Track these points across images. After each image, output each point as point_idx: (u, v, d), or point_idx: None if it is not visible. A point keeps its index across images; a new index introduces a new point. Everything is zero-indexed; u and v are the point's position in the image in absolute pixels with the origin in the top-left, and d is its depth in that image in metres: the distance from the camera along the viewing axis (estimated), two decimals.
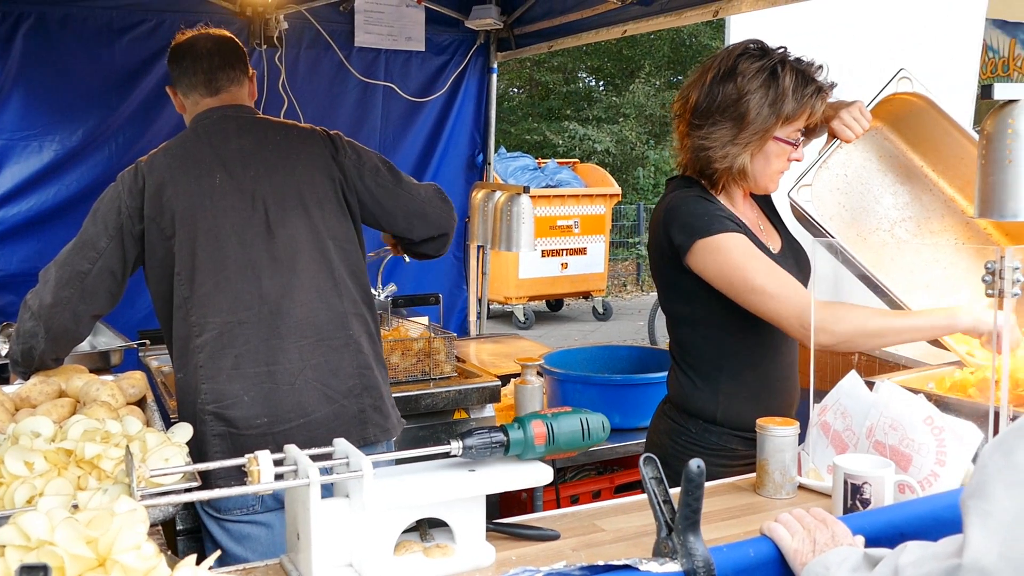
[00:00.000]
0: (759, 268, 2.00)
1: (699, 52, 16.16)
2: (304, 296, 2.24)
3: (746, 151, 2.06)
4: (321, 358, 2.24)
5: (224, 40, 2.43)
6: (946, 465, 1.74)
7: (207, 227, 2.21)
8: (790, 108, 2.03)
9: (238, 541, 2.25)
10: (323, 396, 2.23)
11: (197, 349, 2.19)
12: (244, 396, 2.17)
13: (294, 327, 2.22)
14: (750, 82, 2.02)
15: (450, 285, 5.10)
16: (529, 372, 3.07)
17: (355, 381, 2.27)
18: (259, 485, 1.38)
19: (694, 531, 1.23)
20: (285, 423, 2.18)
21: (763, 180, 2.12)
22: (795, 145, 2.08)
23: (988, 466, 0.92)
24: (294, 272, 2.24)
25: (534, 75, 17.59)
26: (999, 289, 1.68)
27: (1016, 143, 1.96)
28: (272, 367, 2.20)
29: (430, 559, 1.51)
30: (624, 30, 4.03)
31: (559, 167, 10.34)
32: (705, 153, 2.08)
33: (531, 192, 3.91)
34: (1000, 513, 0.89)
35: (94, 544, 1.16)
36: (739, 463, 2.10)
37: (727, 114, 2.04)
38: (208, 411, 2.17)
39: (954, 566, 0.92)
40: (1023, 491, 0.88)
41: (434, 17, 4.64)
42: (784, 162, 2.11)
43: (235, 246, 2.22)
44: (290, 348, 2.21)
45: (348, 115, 4.56)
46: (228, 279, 2.20)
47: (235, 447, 2.16)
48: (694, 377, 2.18)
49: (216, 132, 2.31)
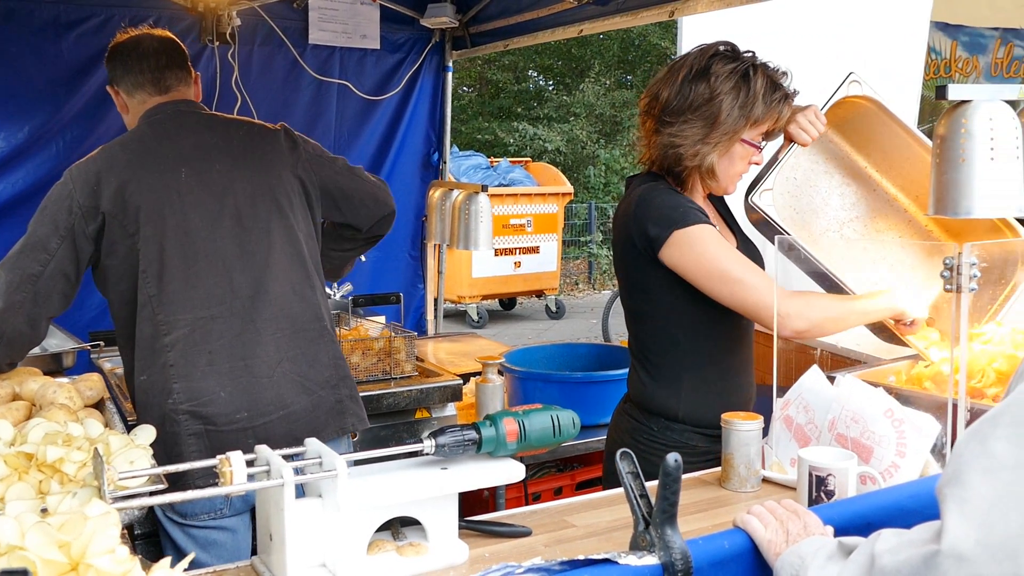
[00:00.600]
0: (736, 259, 2.05)
1: (648, 52, 16.30)
2: (278, 288, 2.23)
3: (715, 151, 2.08)
4: (298, 350, 2.24)
5: (169, 40, 2.41)
6: (906, 456, 1.78)
7: (175, 222, 2.17)
8: (759, 111, 2.06)
9: (203, 547, 2.21)
10: (301, 388, 2.22)
11: (166, 348, 2.15)
12: (221, 392, 2.14)
13: (270, 319, 2.21)
14: (723, 83, 2.04)
15: (406, 284, 5.09)
16: (490, 370, 3.08)
17: (331, 372, 2.28)
18: (232, 486, 1.36)
19: (671, 524, 1.24)
20: (265, 416, 2.17)
21: (725, 181, 2.15)
22: (758, 148, 2.12)
23: (964, 454, 0.94)
24: (267, 265, 2.23)
25: (484, 74, 17.59)
26: (957, 284, 1.72)
27: (969, 143, 2.01)
28: (249, 360, 2.18)
29: (404, 558, 1.50)
30: (580, 29, 4.05)
31: (511, 166, 10.36)
32: (675, 151, 2.10)
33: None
34: (977, 500, 0.91)
35: (66, 548, 1.14)
36: (700, 459, 2.11)
37: (699, 113, 2.06)
38: (182, 410, 2.13)
39: (932, 552, 0.93)
40: (999, 478, 0.90)
41: (389, 15, 4.63)
42: (746, 164, 2.15)
43: (205, 240, 2.19)
44: (267, 341, 2.20)
45: (302, 113, 4.52)
46: (199, 274, 2.17)
47: (213, 445, 2.13)
48: (656, 375, 2.20)
49: (174, 127, 2.28)
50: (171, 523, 2.21)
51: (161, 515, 2.22)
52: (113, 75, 2.36)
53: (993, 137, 2.00)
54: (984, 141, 2.00)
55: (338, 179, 2.43)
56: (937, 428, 1.80)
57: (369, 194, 2.50)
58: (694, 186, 2.18)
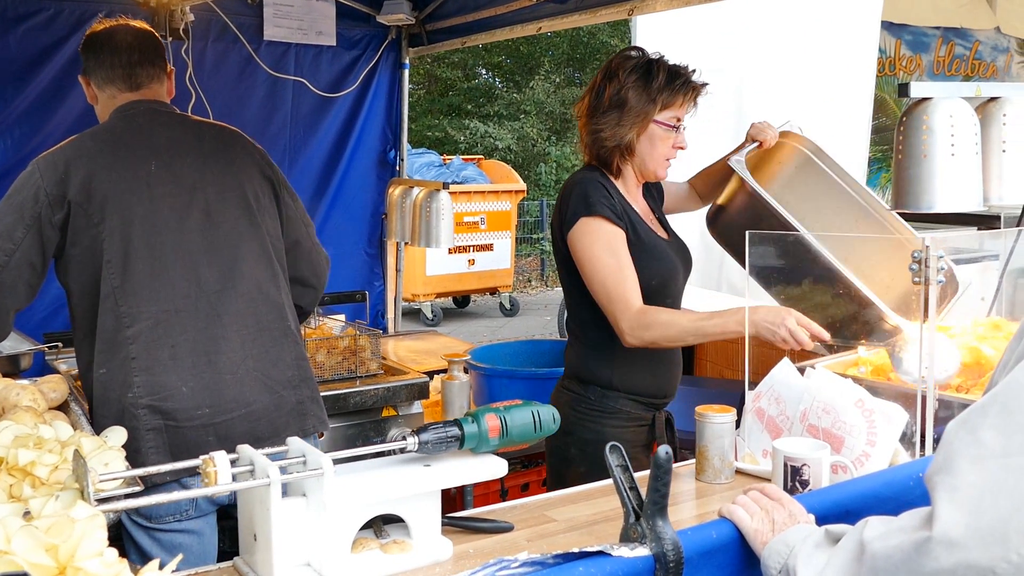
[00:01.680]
0: (610, 265, 2.23)
1: (597, 50, 16.38)
2: (244, 286, 2.21)
3: (631, 131, 2.31)
4: (261, 348, 2.21)
5: (145, 34, 2.36)
6: (876, 445, 1.82)
7: (142, 213, 2.14)
8: (665, 94, 2.29)
9: (168, 550, 2.17)
10: (264, 386, 2.20)
11: (128, 340, 2.10)
12: (182, 387, 2.10)
13: (235, 316, 2.18)
14: (628, 76, 2.30)
15: (362, 282, 5.05)
16: (456, 368, 3.08)
17: (294, 372, 2.25)
18: (217, 487, 1.35)
19: (662, 516, 1.25)
20: (226, 413, 2.14)
21: (651, 163, 2.35)
22: (673, 128, 2.32)
23: (953, 443, 0.97)
24: (235, 261, 2.21)
25: (434, 71, 17.52)
26: (925, 277, 1.77)
27: (931, 139, 2.06)
28: (213, 356, 2.15)
29: (388, 555, 1.50)
30: (539, 27, 4.06)
31: (464, 163, 10.35)
32: (597, 136, 2.33)
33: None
34: (967, 487, 0.93)
35: (53, 551, 1.12)
36: (633, 424, 2.36)
37: (612, 103, 2.31)
38: (142, 404, 2.08)
39: (924, 538, 0.96)
40: (987, 466, 0.93)
41: (345, 11, 4.59)
42: (668, 148, 2.35)
43: (172, 233, 2.16)
44: (231, 337, 2.17)
45: (257, 109, 4.46)
46: (164, 267, 2.14)
47: (172, 441, 2.09)
48: (591, 346, 2.38)
49: (146, 122, 2.26)
50: (136, 526, 2.17)
51: (126, 518, 2.18)
52: (86, 65, 2.32)
53: (954, 134, 2.05)
54: (945, 138, 2.05)
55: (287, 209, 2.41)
56: (905, 417, 1.84)
57: (307, 250, 2.46)
58: (627, 175, 2.39)
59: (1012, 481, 0.91)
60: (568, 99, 16.02)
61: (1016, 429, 0.92)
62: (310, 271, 2.48)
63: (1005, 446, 0.92)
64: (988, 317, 2.45)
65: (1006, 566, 0.89)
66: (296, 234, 2.43)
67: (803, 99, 4.68)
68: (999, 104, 2.18)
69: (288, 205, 2.42)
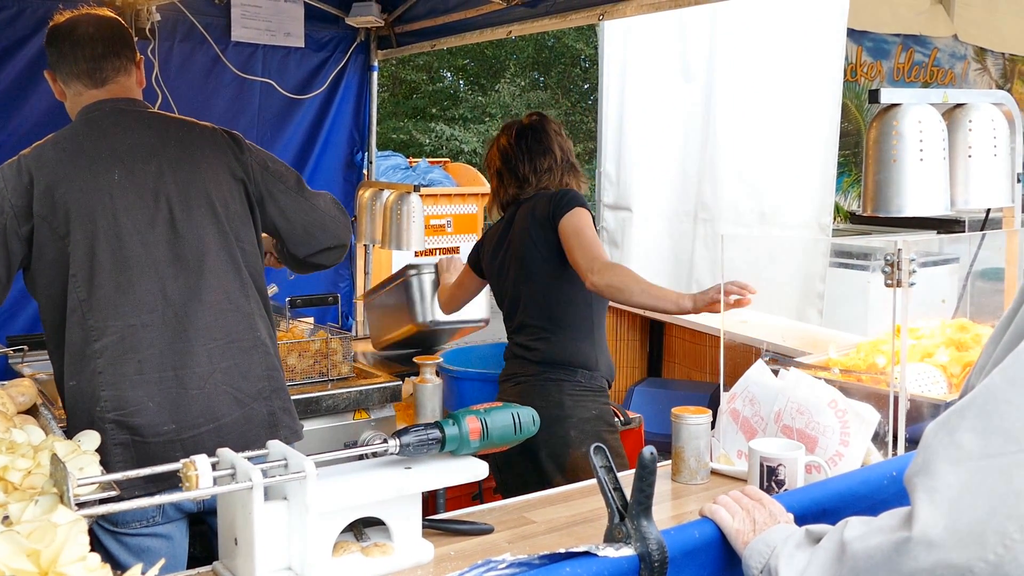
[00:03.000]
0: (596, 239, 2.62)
1: (562, 54, 16.42)
2: (212, 297, 2.15)
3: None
4: (231, 361, 2.16)
5: (108, 23, 2.27)
6: (849, 445, 1.85)
7: (106, 226, 2.09)
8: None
9: (136, 555, 2.14)
10: (233, 400, 2.15)
11: (95, 354, 2.07)
12: (149, 402, 2.07)
13: (202, 329, 2.13)
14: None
15: (328, 284, 5.02)
16: (427, 371, 3.07)
17: (264, 383, 2.20)
18: (199, 491, 1.34)
19: (647, 516, 1.27)
20: (194, 429, 2.10)
21: None
22: None
23: (932, 445, 0.98)
24: (201, 273, 2.15)
25: (398, 74, 17.46)
26: (897, 279, 1.79)
27: (901, 143, 2.10)
28: (179, 371, 2.10)
29: (370, 558, 1.50)
30: (509, 31, 4.06)
31: (430, 166, 10.30)
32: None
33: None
34: (945, 489, 0.94)
35: (35, 557, 1.10)
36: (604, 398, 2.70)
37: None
38: (109, 419, 2.05)
39: (903, 539, 0.97)
40: (965, 467, 0.95)
41: (314, 13, 4.56)
42: None
43: (137, 245, 2.11)
44: (198, 351, 2.12)
45: (224, 110, 4.41)
46: (130, 280, 2.09)
47: (139, 456, 2.06)
48: (574, 332, 2.66)
49: (111, 126, 2.18)
50: (103, 531, 2.14)
51: (94, 524, 2.15)
52: (50, 60, 2.23)
53: (922, 139, 2.08)
54: (914, 143, 2.08)
55: (280, 196, 2.33)
56: (878, 417, 1.87)
57: (316, 222, 2.39)
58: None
59: (989, 482, 0.92)
60: (533, 103, 16.03)
61: (993, 431, 0.94)
62: (330, 239, 2.42)
63: (983, 448, 0.94)
64: (954, 319, 2.49)
65: (983, 565, 0.91)
66: (300, 218, 2.36)
67: (771, 105, 4.74)
68: (965, 110, 2.22)
69: (274, 198, 2.33)
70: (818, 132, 4.60)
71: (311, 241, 2.40)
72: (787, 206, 4.72)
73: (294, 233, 2.39)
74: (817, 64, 4.57)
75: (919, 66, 8.59)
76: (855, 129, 8.40)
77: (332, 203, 2.48)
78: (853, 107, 8.23)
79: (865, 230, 6.92)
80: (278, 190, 2.33)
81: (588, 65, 16.43)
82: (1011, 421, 0.93)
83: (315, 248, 2.42)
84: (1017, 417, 0.93)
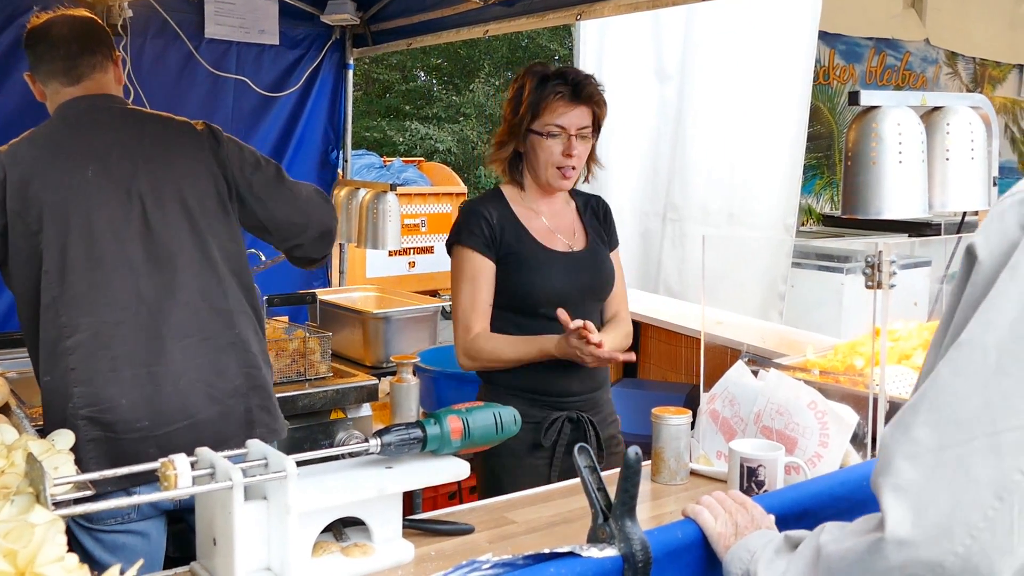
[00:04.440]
0: (465, 292, 2.37)
1: (536, 54, 16.43)
2: (186, 296, 2.14)
3: (509, 146, 2.41)
4: (205, 358, 2.14)
5: (83, 22, 2.27)
6: (828, 446, 1.86)
7: (79, 223, 2.07)
8: (533, 102, 2.34)
9: (112, 552, 2.12)
10: (208, 397, 2.13)
11: (68, 351, 2.05)
12: (122, 399, 2.05)
13: (176, 327, 2.12)
14: (509, 92, 2.44)
15: (302, 283, 4.99)
16: (405, 370, 3.06)
17: (241, 381, 2.18)
18: (178, 490, 1.32)
19: (631, 516, 1.26)
20: (168, 425, 2.08)
21: (541, 173, 2.39)
22: (545, 136, 2.34)
23: (890, 444, 0.99)
24: (174, 271, 2.14)
25: (371, 72, 17.40)
26: (877, 281, 1.81)
27: (880, 146, 2.11)
28: (153, 368, 2.09)
29: (350, 559, 1.49)
30: (486, 30, 4.05)
31: (404, 165, 10.29)
32: (495, 151, 2.46)
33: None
34: (908, 485, 0.95)
35: (12, 557, 1.08)
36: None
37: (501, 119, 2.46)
38: (81, 415, 2.03)
39: (876, 539, 0.98)
40: (924, 461, 0.95)
41: (288, 10, 4.53)
42: (553, 156, 2.36)
43: (110, 243, 2.09)
44: (172, 349, 2.11)
45: (197, 108, 4.36)
46: (104, 278, 2.08)
47: (112, 452, 2.04)
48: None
49: (87, 123, 2.18)
50: (79, 528, 2.12)
51: (69, 521, 2.12)
52: (29, 62, 2.25)
53: (901, 142, 2.09)
54: (893, 145, 2.10)
55: (259, 187, 2.30)
56: (856, 419, 1.88)
57: (299, 210, 2.38)
58: (529, 185, 2.45)
59: (948, 474, 0.93)
60: None
61: (947, 422, 0.95)
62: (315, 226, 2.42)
63: (938, 440, 0.95)
64: (930, 321, 2.52)
65: (953, 559, 0.92)
66: (282, 208, 2.34)
67: (741, 106, 4.76)
68: (943, 113, 2.23)
69: (253, 189, 2.30)
70: (786, 133, 4.63)
71: (296, 231, 2.39)
72: (754, 207, 4.75)
73: (278, 224, 2.37)
74: (788, 66, 4.60)
75: (891, 69, 8.68)
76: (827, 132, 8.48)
77: (315, 191, 2.48)
78: (826, 110, 8.31)
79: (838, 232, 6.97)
80: (258, 181, 2.31)
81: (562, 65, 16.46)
82: (961, 411, 0.94)
83: (302, 238, 2.41)
84: (966, 407, 0.94)
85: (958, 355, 0.97)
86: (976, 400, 0.94)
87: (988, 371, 0.94)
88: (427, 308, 3.70)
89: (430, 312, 3.69)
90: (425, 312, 3.66)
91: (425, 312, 3.66)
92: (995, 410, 0.93)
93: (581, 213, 2.51)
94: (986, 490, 0.91)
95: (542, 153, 2.35)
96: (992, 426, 0.92)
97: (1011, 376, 0.93)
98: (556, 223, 2.44)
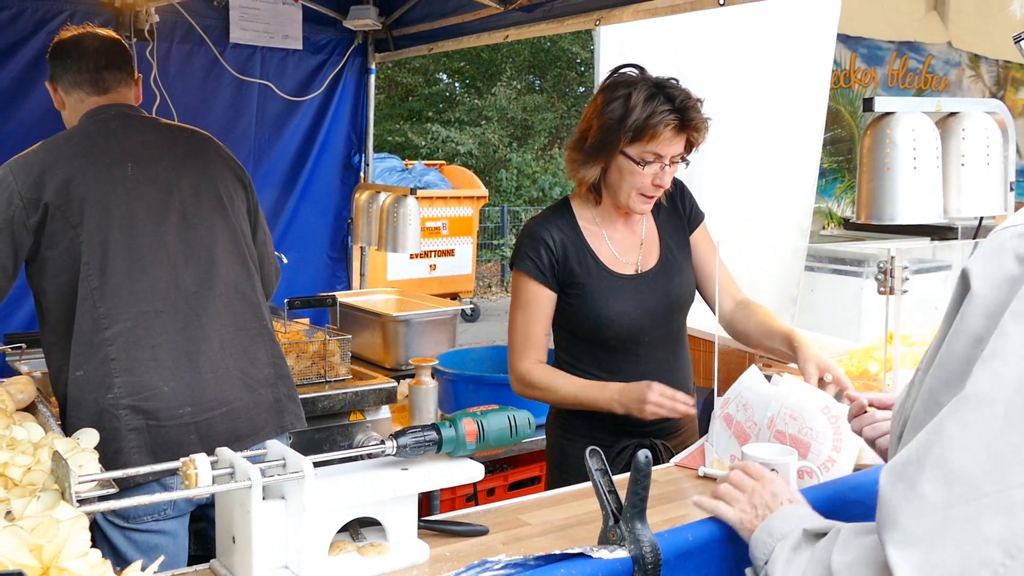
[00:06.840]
0: (518, 321, 2.28)
1: (558, 57, 16.48)
2: (222, 286, 2.25)
3: (595, 166, 2.21)
4: (240, 347, 2.25)
5: (112, 41, 2.40)
6: (841, 451, 1.87)
7: (120, 215, 2.17)
8: (633, 127, 2.11)
9: (143, 552, 2.17)
10: (243, 385, 2.24)
11: (107, 341, 2.12)
12: (164, 387, 2.13)
13: (214, 316, 2.22)
14: (597, 98, 2.23)
15: (323, 285, 5.05)
16: (424, 373, 3.09)
17: (271, 370, 2.31)
18: (198, 488, 1.35)
19: (641, 519, 1.28)
20: (207, 412, 2.17)
21: (622, 196, 2.22)
22: (640, 164, 2.15)
23: (893, 499, 0.97)
24: (212, 262, 2.25)
25: (394, 76, 17.50)
26: (890, 287, 1.82)
27: (894, 152, 2.12)
28: (193, 356, 2.18)
29: (366, 558, 1.51)
30: (506, 35, 4.08)
31: (426, 168, 10.35)
32: (570, 163, 2.27)
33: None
34: (916, 542, 0.93)
35: (38, 552, 1.12)
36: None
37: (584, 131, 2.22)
38: (123, 405, 2.10)
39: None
40: (933, 519, 0.93)
41: (312, 16, 4.59)
42: (640, 181, 2.18)
43: (151, 235, 2.19)
44: (211, 337, 2.21)
45: (222, 112, 4.44)
46: (144, 269, 2.17)
47: (155, 440, 2.12)
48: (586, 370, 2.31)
49: (117, 125, 2.28)
50: (111, 526, 2.17)
51: (100, 518, 2.17)
52: (53, 72, 2.34)
53: (916, 147, 2.11)
54: (908, 151, 2.11)
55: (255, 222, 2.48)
56: None
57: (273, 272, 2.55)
58: (606, 202, 2.29)
59: (957, 532, 0.92)
60: (529, 106, 16.08)
61: (954, 479, 0.93)
62: (269, 291, 2.54)
63: (947, 497, 0.93)
64: None
65: None
66: (267, 260, 2.52)
67: (758, 109, 4.76)
68: (958, 119, 2.24)
69: (257, 210, 2.49)
70: (803, 137, 4.62)
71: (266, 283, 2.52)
72: (770, 210, 4.74)
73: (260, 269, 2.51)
74: (806, 69, 4.59)
75: (913, 73, 8.62)
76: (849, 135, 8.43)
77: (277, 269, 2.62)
78: (847, 113, 8.26)
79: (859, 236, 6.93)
80: (260, 228, 2.50)
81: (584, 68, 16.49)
82: (970, 467, 0.92)
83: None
84: (975, 462, 0.92)
85: (964, 409, 0.94)
86: (984, 456, 0.91)
87: (996, 426, 0.91)
88: (447, 311, 3.73)
89: (450, 315, 3.72)
90: (445, 315, 3.70)
91: (445, 315, 3.70)
92: (1005, 466, 0.90)
93: (655, 214, 2.36)
94: (996, 548, 0.89)
95: (631, 177, 2.17)
96: (1002, 482, 0.90)
97: (1020, 431, 0.91)
98: (626, 242, 2.31)
